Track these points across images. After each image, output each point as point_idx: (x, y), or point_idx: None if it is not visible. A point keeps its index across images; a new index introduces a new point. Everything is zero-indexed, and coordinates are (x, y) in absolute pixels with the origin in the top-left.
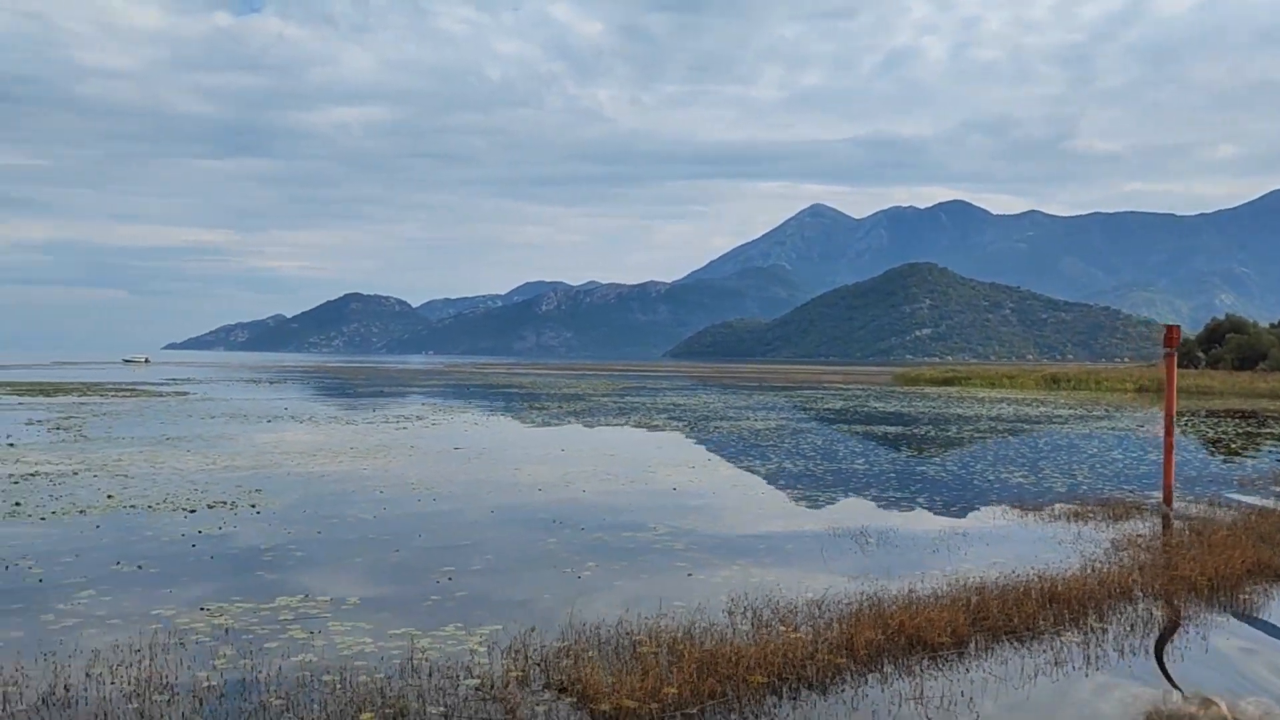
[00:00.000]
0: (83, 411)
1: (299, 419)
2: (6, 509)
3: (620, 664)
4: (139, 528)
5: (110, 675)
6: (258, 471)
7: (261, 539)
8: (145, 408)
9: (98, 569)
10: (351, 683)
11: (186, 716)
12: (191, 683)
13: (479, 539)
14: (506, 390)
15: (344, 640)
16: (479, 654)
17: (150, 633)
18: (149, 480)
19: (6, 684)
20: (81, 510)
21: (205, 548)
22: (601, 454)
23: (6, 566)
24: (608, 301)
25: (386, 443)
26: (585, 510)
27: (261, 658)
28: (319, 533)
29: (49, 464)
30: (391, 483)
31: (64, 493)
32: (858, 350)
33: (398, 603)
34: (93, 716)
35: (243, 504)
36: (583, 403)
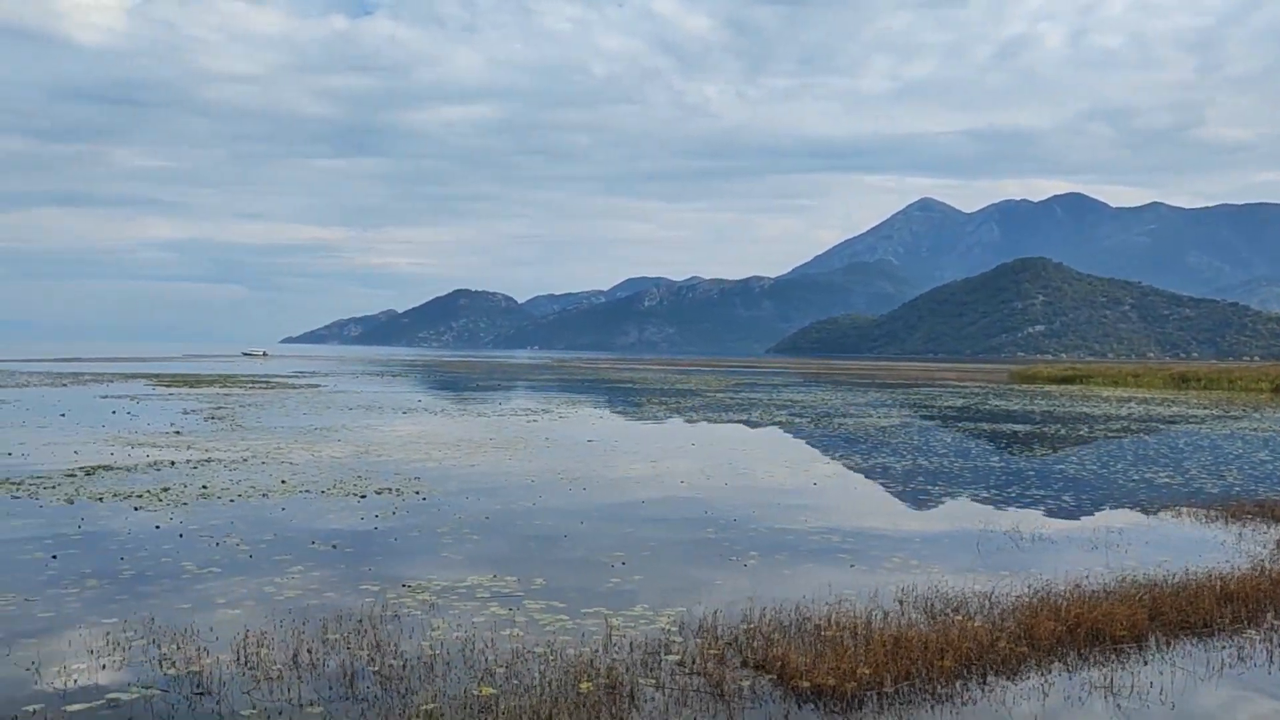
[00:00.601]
0: (229, 402)
1: (432, 411)
2: (197, 490)
3: (808, 645)
4: (320, 511)
5: (344, 642)
6: (410, 461)
7: (435, 523)
8: (284, 400)
9: (297, 547)
10: (563, 655)
11: (422, 680)
12: (418, 650)
13: (637, 528)
14: (619, 385)
15: (543, 617)
16: (671, 632)
17: (365, 605)
18: (312, 467)
19: (256, 648)
20: (264, 494)
21: (386, 530)
22: (733, 448)
23: (218, 543)
24: (710, 297)
25: (522, 435)
26: (732, 503)
27: (472, 631)
28: (486, 519)
29: (218, 451)
30: (538, 473)
31: (241, 478)
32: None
33: (581, 584)
34: (336, 678)
35: (407, 490)
36: (699, 398)
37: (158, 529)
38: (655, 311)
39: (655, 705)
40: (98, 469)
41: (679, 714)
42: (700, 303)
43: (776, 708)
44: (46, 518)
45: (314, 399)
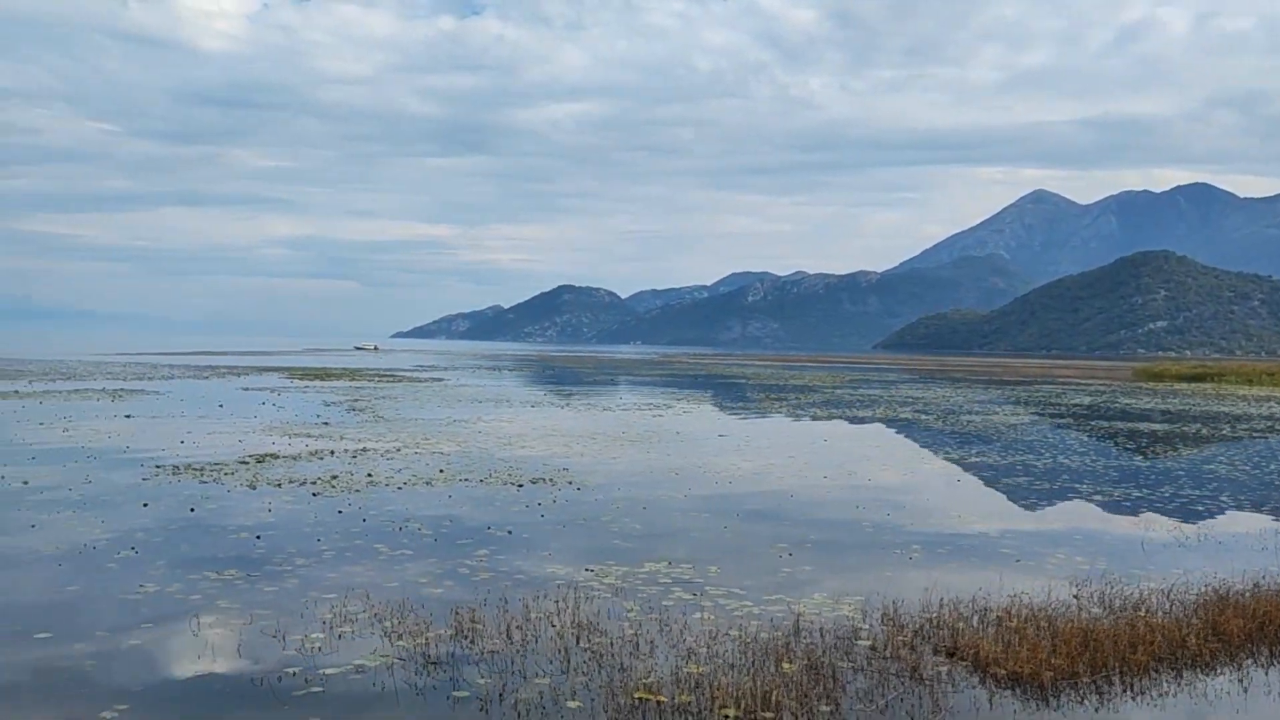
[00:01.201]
0: (364, 395)
1: (557, 405)
2: (363, 479)
3: (995, 636)
4: (486, 498)
5: (548, 620)
6: (553, 453)
7: (596, 512)
8: (415, 393)
9: (476, 533)
10: (757, 638)
11: (630, 657)
12: (619, 630)
13: (793, 521)
14: (733, 380)
15: (728, 602)
16: (855, 620)
17: (554, 588)
18: (462, 458)
19: (470, 624)
20: (427, 482)
21: (551, 518)
22: (867, 444)
23: (400, 527)
24: (815, 292)
25: (652, 430)
26: (881, 498)
27: (665, 613)
28: (644, 509)
29: (369, 441)
30: (680, 467)
31: (399, 467)
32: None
33: (755, 573)
34: (551, 653)
35: (560, 481)
36: (818, 394)
37: (340, 514)
38: (759, 306)
39: (858, 686)
40: (266, 457)
41: (882, 695)
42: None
43: (977, 693)
44: (237, 501)
45: (442, 392)
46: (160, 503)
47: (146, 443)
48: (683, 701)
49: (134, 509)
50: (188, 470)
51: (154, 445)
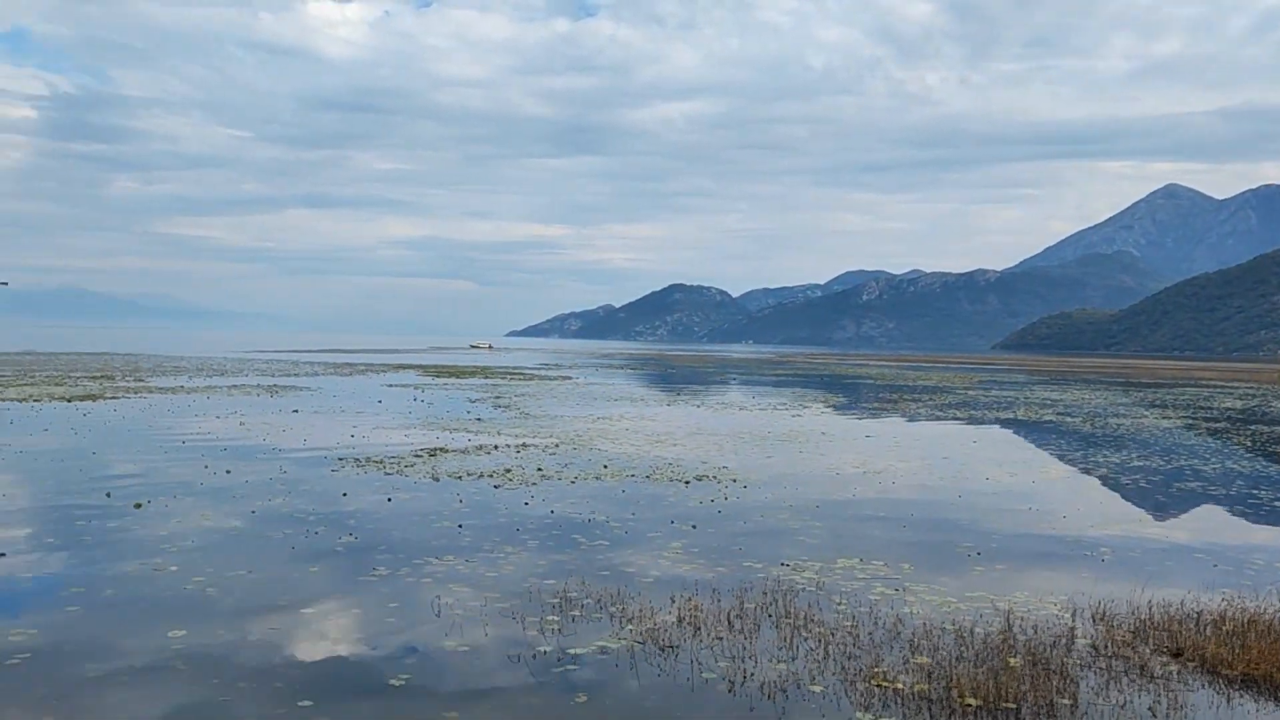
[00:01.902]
0: (503, 393)
1: (692, 404)
2: (535, 473)
3: (1219, 637)
4: (658, 495)
5: (763, 610)
6: (707, 451)
7: (770, 509)
8: (551, 391)
9: (662, 526)
10: (973, 633)
11: (853, 647)
12: (834, 620)
13: (971, 521)
14: (859, 381)
15: (932, 598)
16: (1065, 618)
17: (758, 580)
18: (620, 454)
19: (692, 612)
20: (596, 477)
21: (729, 514)
22: (1017, 445)
23: (587, 519)
24: (932, 290)
25: (796, 429)
26: (1052, 498)
27: (873, 607)
28: (817, 507)
29: (527, 438)
30: (836, 467)
31: (564, 462)
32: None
33: (948, 570)
34: (775, 640)
35: (724, 479)
36: (950, 395)
37: (526, 505)
38: (873, 305)
39: (1090, 683)
40: (436, 451)
41: (1118, 692)
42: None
43: (1213, 693)
44: (427, 492)
45: (575, 391)
46: (357, 493)
47: (321, 437)
48: (920, 690)
49: (336, 498)
50: (370, 463)
51: (328, 440)
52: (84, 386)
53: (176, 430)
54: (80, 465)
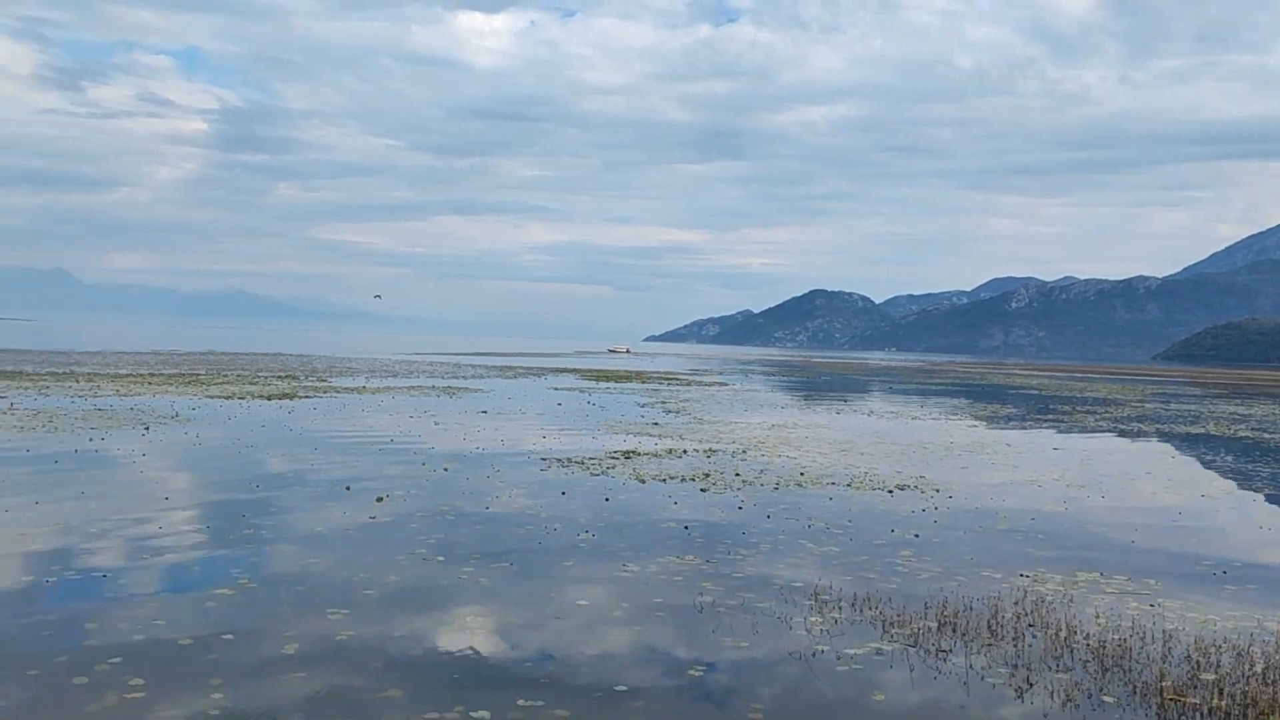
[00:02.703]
0: (668, 398)
1: (861, 412)
2: (733, 478)
3: None
4: (867, 503)
5: (1021, 619)
6: (898, 460)
7: (986, 520)
8: (710, 396)
9: (881, 534)
10: (1249, 652)
11: (1129, 660)
12: (1098, 633)
13: (1200, 539)
14: (1021, 391)
15: (1191, 614)
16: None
17: (1003, 590)
18: (814, 462)
19: (951, 618)
20: (796, 484)
21: (945, 523)
22: (1227, 464)
23: (807, 525)
24: (1085, 298)
25: (978, 440)
26: None
27: (1134, 622)
28: (1032, 518)
29: (711, 443)
30: (1038, 479)
31: (759, 467)
32: None
33: (1200, 587)
34: (1047, 651)
35: (925, 488)
36: (1125, 407)
37: (740, 509)
38: (1023, 313)
39: None
40: (630, 454)
41: None
42: (1074, 304)
43: None
44: (638, 493)
45: (737, 396)
46: (574, 493)
47: (517, 438)
48: (1216, 706)
49: (557, 496)
50: (573, 464)
51: (524, 441)
52: (275, 386)
53: (379, 430)
54: (311, 462)
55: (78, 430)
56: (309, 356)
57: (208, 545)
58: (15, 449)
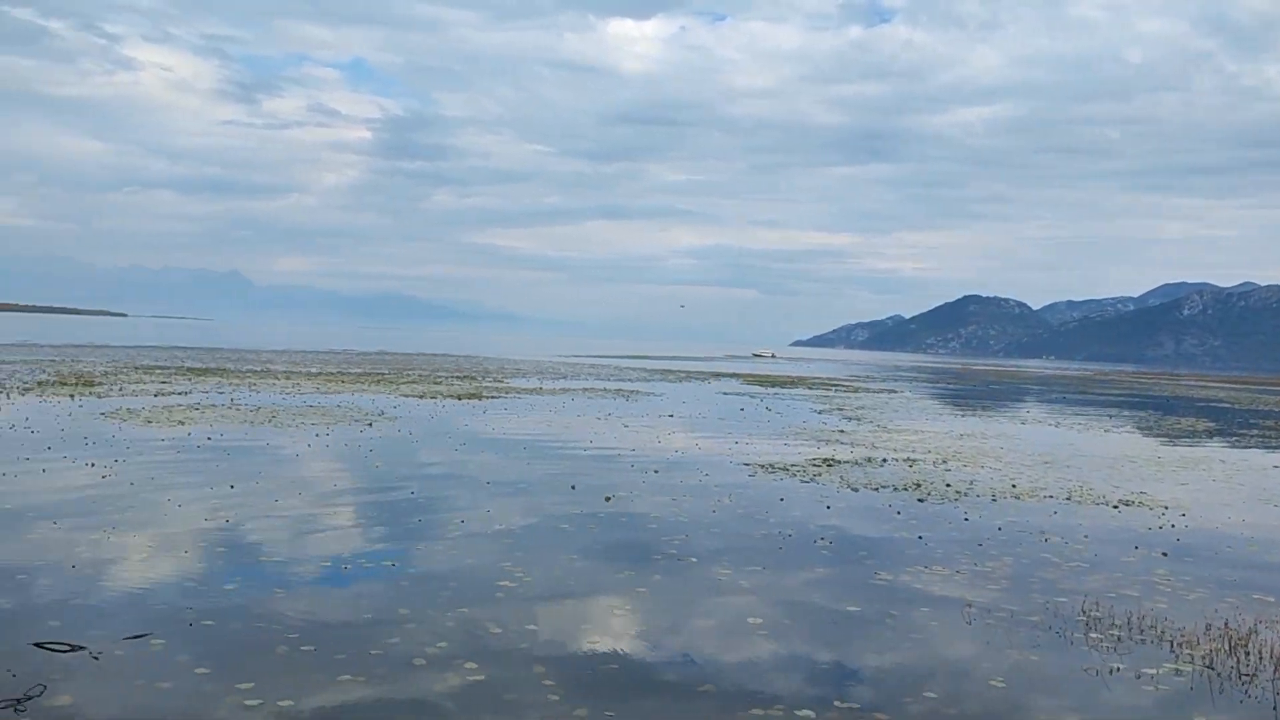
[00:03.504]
0: (842, 404)
1: (1048, 423)
2: (944, 488)
3: None
4: (1095, 520)
5: None
6: (1109, 474)
7: (1227, 539)
8: (884, 403)
9: (1126, 551)
10: None
11: None
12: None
13: None
14: (1209, 404)
15: None
16: None
17: (1238, 607)
18: (1019, 475)
19: (1240, 643)
20: (1014, 496)
21: (1190, 543)
22: None
23: (1043, 539)
24: (1268, 305)
25: (1187, 456)
26: None
27: None
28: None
29: (905, 451)
30: (1272, 496)
31: (967, 478)
32: None
33: None
34: None
35: (1151, 505)
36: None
37: (967, 520)
38: (1196, 321)
39: None
40: (830, 461)
41: None
42: (1254, 312)
43: None
44: (854, 502)
45: (911, 404)
46: (792, 500)
47: (712, 444)
48: None
49: (774, 503)
50: (778, 470)
51: (720, 446)
52: (458, 386)
53: (576, 433)
54: (526, 462)
55: (302, 426)
56: (474, 357)
57: (466, 535)
58: (255, 443)
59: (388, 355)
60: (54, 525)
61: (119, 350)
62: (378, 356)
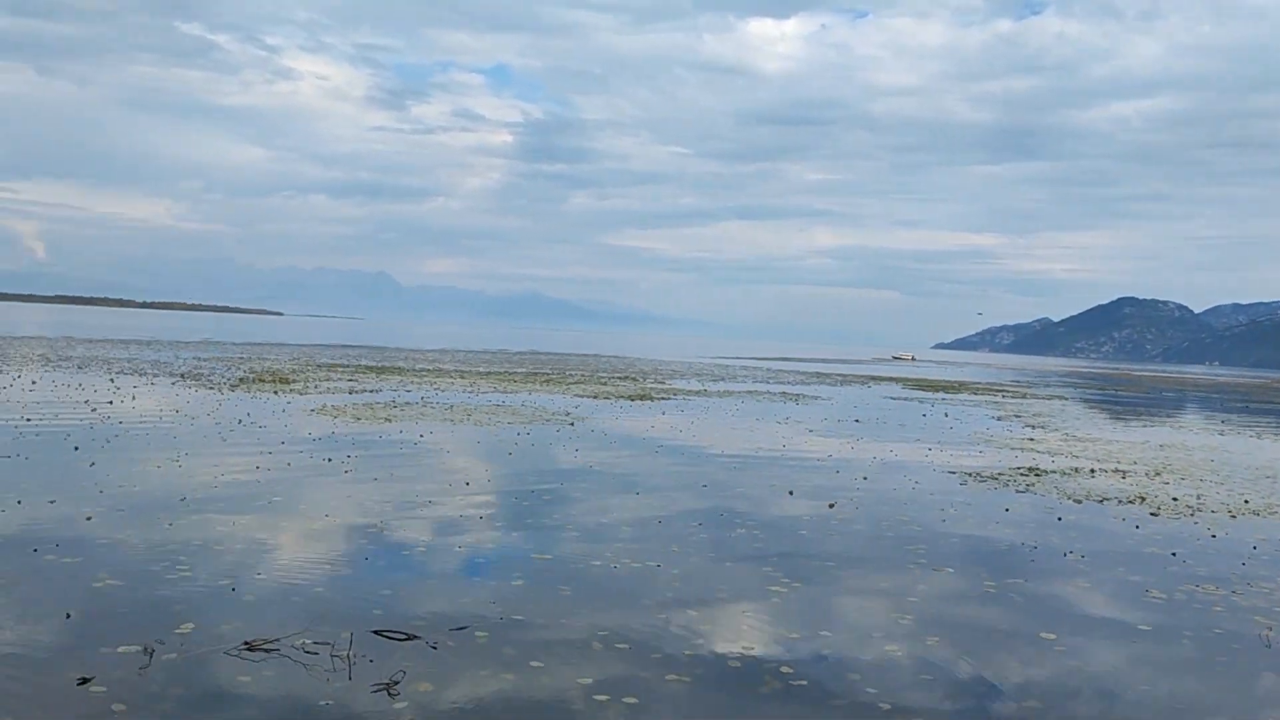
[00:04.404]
0: (1020, 411)
1: (1250, 434)
2: (1170, 502)
3: None
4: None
5: None
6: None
7: None
8: (1059, 410)
9: None
10: None
11: None
12: None
13: None
14: None
15: None
16: None
17: None
18: (1244, 487)
19: None
20: (1254, 512)
21: None
22: None
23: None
24: None
25: None
26: None
27: None
28: None
29: (1110, 464)
30: None
31: (1191, 494)
32: None
33: None
34: None
35: None
36: None
37: (1213, 538)
38: None
39: None
40: (1036, 470)
41: None
42: None
43: None
44: (1089, 515)
45: (1087, 412)
46: (1017, 510)
47: (906, 451)
48: None
49: (999, 513)
50: (987, 479)
51: (915, 452)
52: (623, 387)
53: (762, 437)
54: (733, 469)
55: (500, 425)
56: (623, 357)
57: (715, 536)
58: (472, 440)
59: (540, 355)
60: (329, 518)
61: (294, 349)
62: (530, 356)
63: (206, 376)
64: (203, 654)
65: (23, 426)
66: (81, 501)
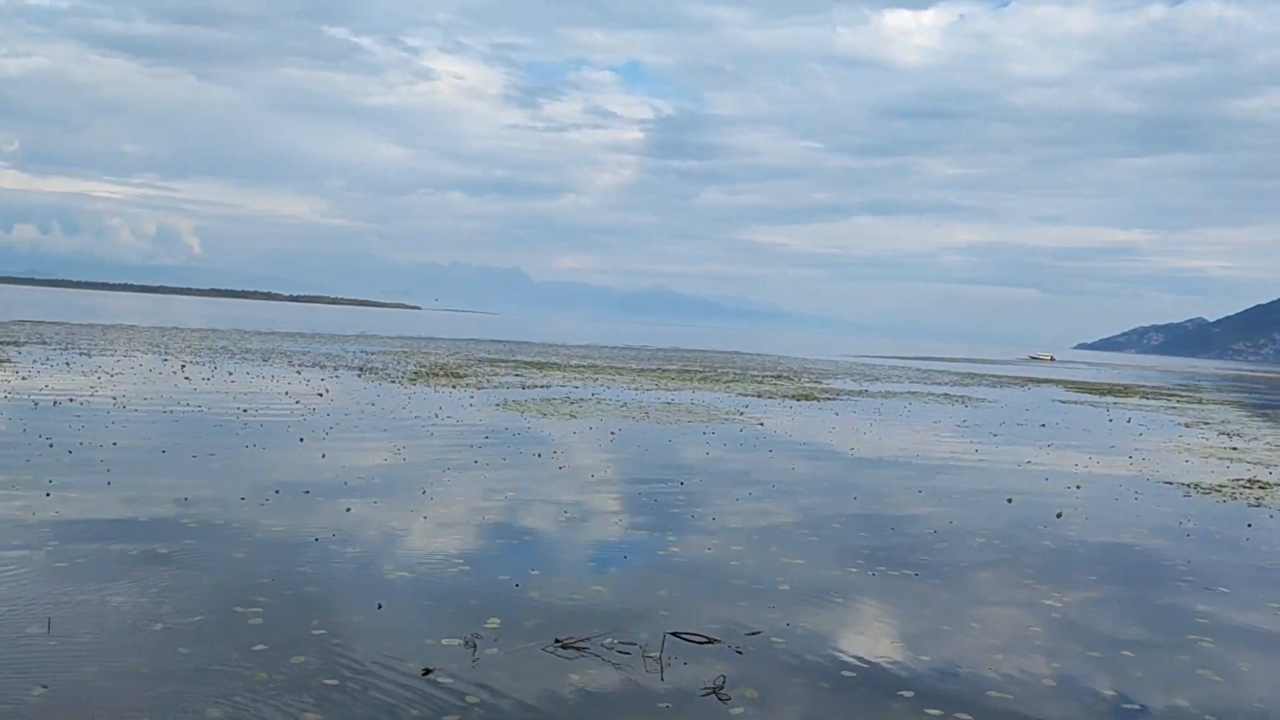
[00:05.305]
0: (1204, 416)
1: None
2: None
3: None
4: None
5: None
6: None
7: None
8: (1248, 418)
9: None
10: None
11: None
12: None
13: None
14: None
15: None
16: None
17: None
18: None
19: None
20: None
21: None
22: None
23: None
24: None
25: None
26: None
27: None
28: None
29: None
30: None
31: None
32: None
33: None
34: None
35: None
36: None
37: None
38: None
39: None
40: (1256, 483)
41: None
42: None
43: None
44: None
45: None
46: (1261, 526)
47: (1103, 460)
48: None
49: (1243, 529)
50: (1210, 491)
51: (1116, 463)
52: (781, 386)
53: (947, 444)
54: (934, 474)
55: (682, 423)
56: (766, 355)
57: (995, 556)
58: (662, 438)
59: (683, 352)
60: (570, 520)
61: (447, 343)
62: (674, 353)
63: (382, 370)
64: (521, 649)
65: (244, 418)
66: (333, 492)
